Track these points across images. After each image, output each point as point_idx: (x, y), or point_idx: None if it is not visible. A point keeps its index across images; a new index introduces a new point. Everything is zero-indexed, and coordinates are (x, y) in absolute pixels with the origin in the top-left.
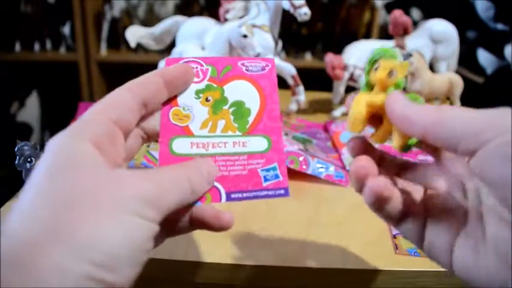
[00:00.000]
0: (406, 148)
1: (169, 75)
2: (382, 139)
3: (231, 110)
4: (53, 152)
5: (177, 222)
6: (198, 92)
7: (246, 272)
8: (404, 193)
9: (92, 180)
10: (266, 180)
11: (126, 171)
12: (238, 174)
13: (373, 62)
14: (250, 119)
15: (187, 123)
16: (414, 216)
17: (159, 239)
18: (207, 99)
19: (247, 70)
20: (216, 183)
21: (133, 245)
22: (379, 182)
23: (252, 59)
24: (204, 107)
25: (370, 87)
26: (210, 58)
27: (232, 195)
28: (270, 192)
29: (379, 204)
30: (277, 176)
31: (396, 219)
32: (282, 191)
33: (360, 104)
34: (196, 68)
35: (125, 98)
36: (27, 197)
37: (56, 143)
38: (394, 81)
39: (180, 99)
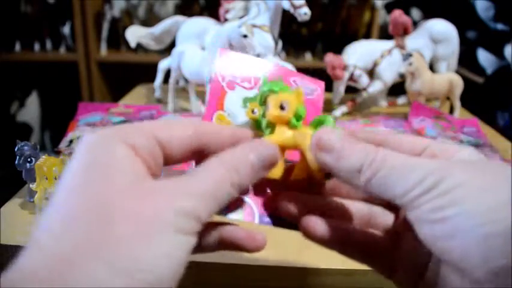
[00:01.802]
0: (329, 175)
1: (240, 135)
2: (302, 173)
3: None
4: (87, 154)
5: (203, 238)
6: (245, 101)
7: (246, 272)
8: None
9: (129, 189)
10: None
11: (163, 183)
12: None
13: (263, 102)
14: None
15: None
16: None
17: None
18: (253, 111)
19: None
20: (249, 201)
21: (173, 262)
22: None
23: (304, 78)
24: (248, 119)
25: (272, 127)
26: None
27: (265, 219)
28: None
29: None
30: None
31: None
32: None
33: (280, 163)
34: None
35: (185, 133)
36: (59, 205)
37: (90, 143)
38: (290, 112)
39: (227, 104)
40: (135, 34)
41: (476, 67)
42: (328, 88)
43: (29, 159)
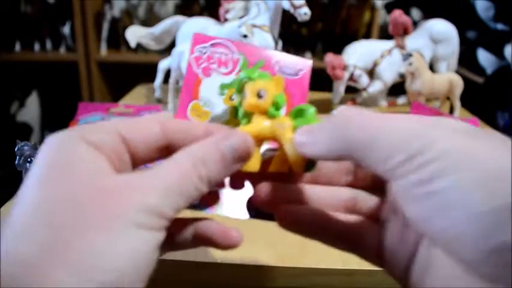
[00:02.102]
0: (310, 167)
1: (215, 133)
2: (281, 166)
3: None
4: (48, 154)
5: (178, 234)
6: (223, 87)
7: (246, 272)
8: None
9: (89, 189)
10: None
11: (126, 177)
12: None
13: (240, 90)
14: None
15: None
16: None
17: (162, 250)
18: (231, 98)
19: (280, 71)
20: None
21: (139, 258)
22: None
23: (289, 58)
24: (226, 107)
25: (249, 117)
26: (244, 45)
27: (247, 213)
28: None
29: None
30: None
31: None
32: None
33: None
34: (226, 55)
35: (150, 130)
36: (21, 211)
37: (51, 144)
38: (268, 101)
39: (202, 92)
40: (135, 34)
41: (476, 67)
42: (328, 88)
43: (29, 159)
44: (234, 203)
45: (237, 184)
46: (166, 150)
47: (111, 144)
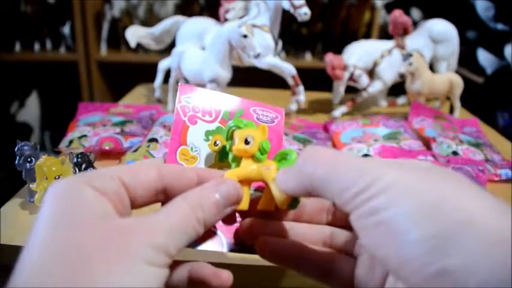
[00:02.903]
0: (294, 204)
1: (205, 176)
2: (268, 204)
3: None
4: (56, 199)
5: (174, 275)
6: (207, 134)
7: (246, 272)
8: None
9: (99, 230)
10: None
11: (133, 219)
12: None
13: (229, 137)
14: None
15: (194, 166)
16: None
17: None
18: (215, 143)
19: (257, 119)
20: (218, 232)
21: None
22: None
23: (264, 107)
24: (212, 152)
25: (237, 160)
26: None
27: (234, 247)
28: None
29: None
30: None
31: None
32: None
33: (246, 196)
34: (210, 105)
35: (149, 176)
36: (35, 250)
37: (58, 189)
38: (255, 147)
39: (189, 138)
40: (135, 34)
41: (476, 67)
42: (328, 88)
43: (29, 159)
44: (222, 239)
45: (229, 220)
46: (163, 194)
47: (114, 190)
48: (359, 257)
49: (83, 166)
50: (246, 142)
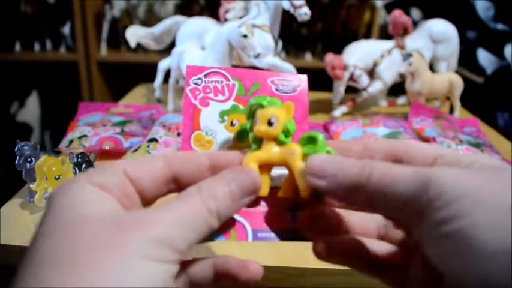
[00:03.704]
0: (319, 196)
1: (219, 160)
2: (289, 191)
3: None
4: (57, 200)
5: (197, 274)
6: (222, 114)
7: None
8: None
9: (97, 229)
10: (294, 219)
11: (135, 214)
12: (266, 211)
13: (251, 116)
14: None
15: (210, 150)
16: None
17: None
18: (232, 124)
19: (277, 90)
20: (241, 219)
21: None
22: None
23: (284, 76)
24: (229, 133)
25: (259, 142)
26: (236, 71)
27: (259, 234)
28: (298, 233)
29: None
30: None
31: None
32: None
33: (254, 167)
34: (222, 82)
35: (154, 165)
36: (34, 254)
37: (59, 191)
38: (278, 128)
39: (202, 122)
40: (135, 34)
41: (476, 67)
42: (328, 88)
43: (29, 159)
44: (247, 227)
45: (253, 204)
46: (175, 184)
47: (118, 184)
48: (413, 255)
49: (83, 166)
50: (269, 123)
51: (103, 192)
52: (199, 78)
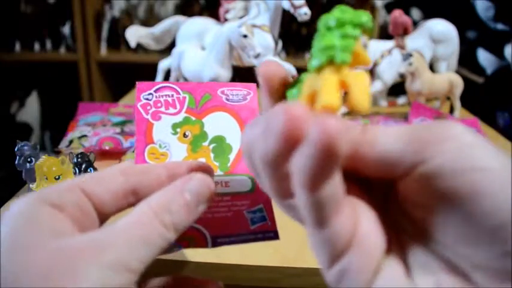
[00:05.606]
0: None
1: (176, 169)
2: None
3: (211, 146)
4: (8, 222)
5: None
6: (175, 126)
7: (246, 272)
8: None
9: (48, 253)
10: (253, 222)
11: (86, 236)
12: (223, 217)
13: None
14: (232, 156)
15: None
16: None
17: None
18: (184, 135)
19: (227, 100)
20: (200, 227)
21: None
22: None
23: (233, 86)
24: (182, 144)
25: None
26: (186, 84)
27: (219, 240)
28: (259, 235)
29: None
30: (264, 218)
31: None
32: (272, 234)
33: (334, 87)
34: (172, 96)
35: (112, 179)
36: None
37: (12, 211)
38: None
39: (155, 135)
40: (135, 34)
41: (476, 67)
42: None
43: (29, 159)
44: (205, 234)
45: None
46: (134, 197)
47: (73, 202)
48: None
49: (83, 166)
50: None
51: (56, 213)
52: (150, 94)
